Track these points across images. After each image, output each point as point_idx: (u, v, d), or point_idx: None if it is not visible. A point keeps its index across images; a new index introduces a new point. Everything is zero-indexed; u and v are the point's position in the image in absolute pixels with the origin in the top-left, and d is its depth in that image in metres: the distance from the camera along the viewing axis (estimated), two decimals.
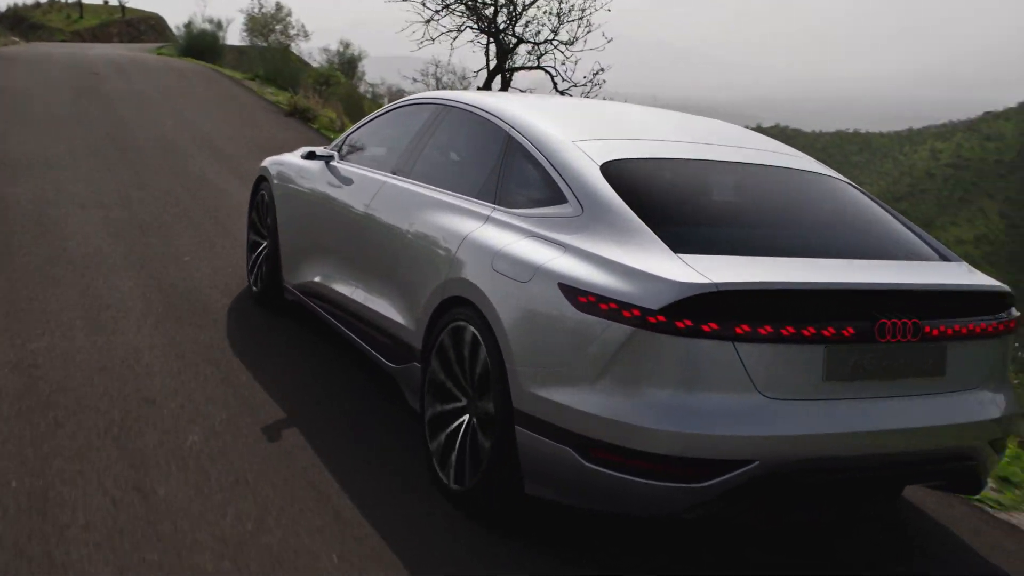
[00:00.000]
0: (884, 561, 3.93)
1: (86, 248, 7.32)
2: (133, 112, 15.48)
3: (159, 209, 8.97)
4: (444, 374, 4.13)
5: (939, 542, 4.17)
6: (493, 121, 4.65)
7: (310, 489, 3.95)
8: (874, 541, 4.07)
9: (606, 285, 3.42)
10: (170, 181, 10.38)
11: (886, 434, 3.46)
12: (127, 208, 8.91)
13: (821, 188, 4.52)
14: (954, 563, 4.03)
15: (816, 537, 4.05)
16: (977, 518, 4.45)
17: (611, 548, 3.77)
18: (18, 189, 9.18)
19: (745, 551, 3.88)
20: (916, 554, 4.06)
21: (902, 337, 3.44)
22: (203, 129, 14.35)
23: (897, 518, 4.32)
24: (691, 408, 3.27)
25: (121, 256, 7.20)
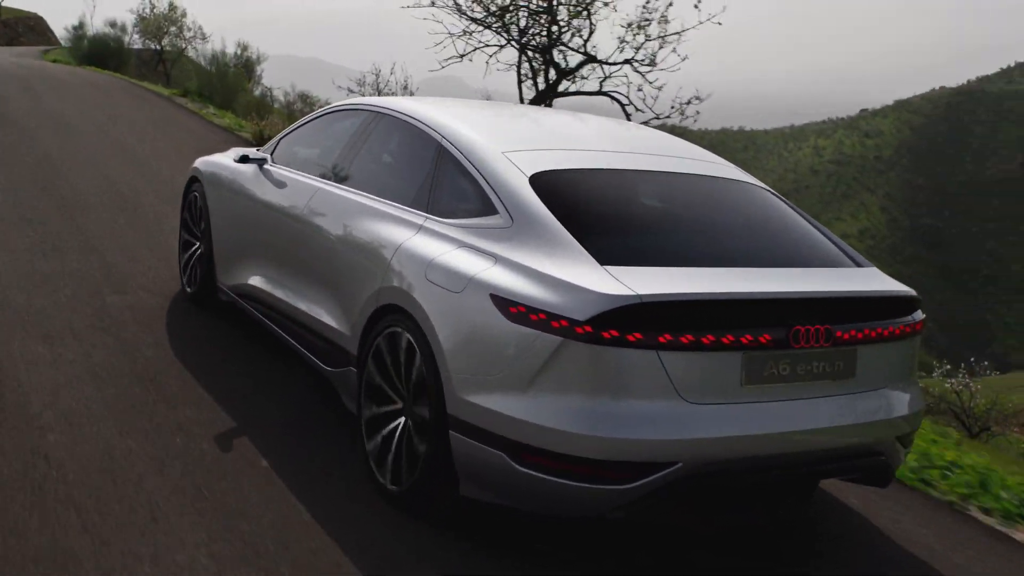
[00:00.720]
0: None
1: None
2: (60, 145, 12.30)
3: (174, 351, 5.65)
4: (380, 378, 4.22)
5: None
6: (425, 130, 4.73)
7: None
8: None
9: (536, 296, 3.55)
10: (158, 271, 7.23)
11: (801, 434, 3.68)
12: (117, 354, 5.44)
13: (743, 196, 4.71)
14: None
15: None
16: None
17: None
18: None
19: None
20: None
21: (815, 343, 3.65)
22: (159, 171, 11.41)
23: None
24: (617, 414, 3.43)
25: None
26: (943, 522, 4.71)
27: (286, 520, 3.82)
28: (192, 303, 6.52)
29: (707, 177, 4.73)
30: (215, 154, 6.93)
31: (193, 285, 6.55)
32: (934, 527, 4.62)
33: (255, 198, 5.78)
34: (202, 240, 6.43)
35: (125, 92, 20.51)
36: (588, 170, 4.41)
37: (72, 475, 3.95)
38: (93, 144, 12.94)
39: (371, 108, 5.34)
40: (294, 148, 5.90)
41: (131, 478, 3.99)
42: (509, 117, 5.17)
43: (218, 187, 6.29)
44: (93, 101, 17.67)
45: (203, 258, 6.38)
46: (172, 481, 4.01)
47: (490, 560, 3.75)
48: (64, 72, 24.05)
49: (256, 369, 5.51)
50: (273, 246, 5.49)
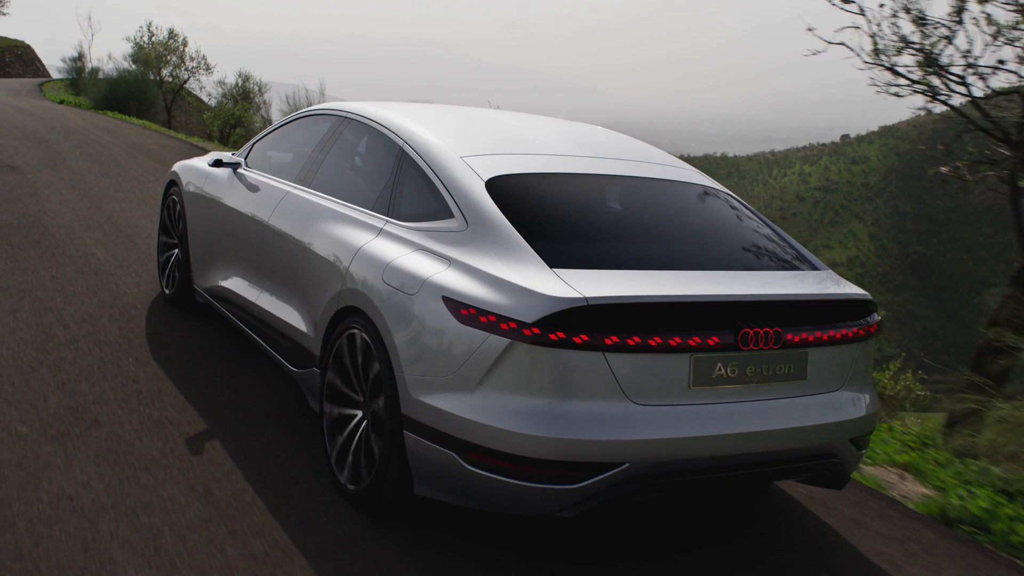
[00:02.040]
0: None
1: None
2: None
3: None
4: (340, 379, 4.33)
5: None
6: (387, 135, 4.89)
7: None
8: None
9: (485, 299, 3.65)
10: None
11: (751, 436, 3.75)
12: None
13: (699, 200, 4.83)
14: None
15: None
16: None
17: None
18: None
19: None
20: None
21: (764, 345, 3.74)
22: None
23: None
24: (563, 414, 3.51)
25: None
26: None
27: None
28: (170, 305, 6.72)
29: (664, 181, 4.85)
30: (194, 158, 7.13)
31: (171, 287, 6.77)
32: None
33: (228, 202, 5.97)
34: (179, 243, 6.65)
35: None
36: (544, 174, 4.52)
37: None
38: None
39: (339, 113, 5.51)
40: (267, 152, 6.09)
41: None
42: (472, 121, 5.27)
43: (194, 191, 6.50)
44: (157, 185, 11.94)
45: (179, 263, 6.60)
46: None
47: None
48: (84, 121, 20.10)
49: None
50: (244, 249, 5.65)
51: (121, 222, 9.55)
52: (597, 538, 4.15)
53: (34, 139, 15.57)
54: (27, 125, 17.85)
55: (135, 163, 14.17)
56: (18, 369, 5.23)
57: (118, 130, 19.32)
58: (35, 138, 15.77)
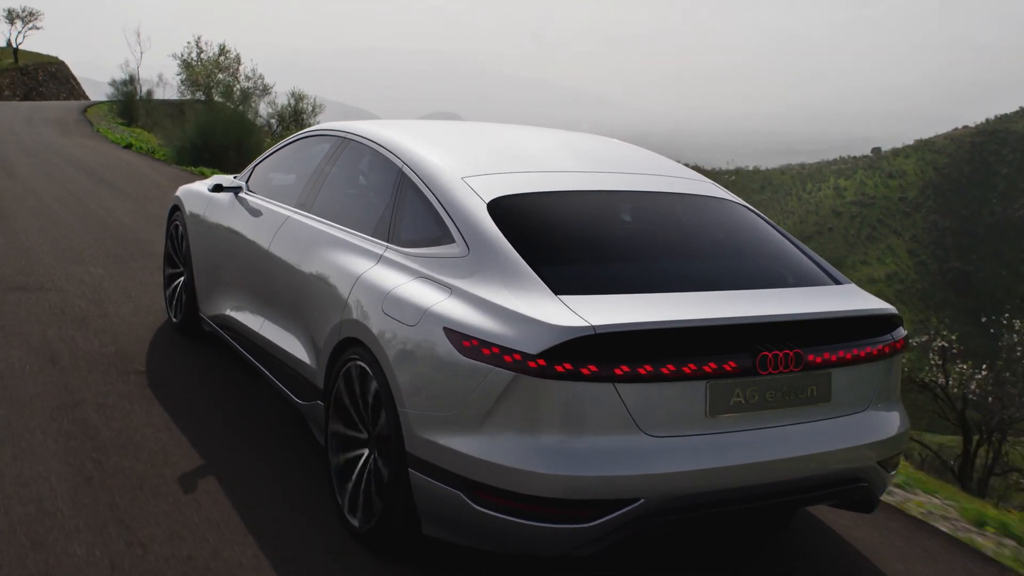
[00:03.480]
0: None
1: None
2: None
3: None
4: (344, 413, 4.20)
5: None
6: (387, 156, 4.75)
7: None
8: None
9: (488, 329, 3.50)
10: None
11: (773, 464, 3.57)
12: None
13: (713, 214, 4.64)
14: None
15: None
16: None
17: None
18: None
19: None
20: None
21: (784, 368, 3.56)
22: None
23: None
24: (574, 450, 3.35)
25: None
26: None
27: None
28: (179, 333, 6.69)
29: (676, 195, 4.67)
30: (196, 182, 7.08)
31: (178, 315, 6.72)
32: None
33: (229, 227, 5.90)
34: (184, 269, 6.59)
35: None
36: (548, 193, 4.35)
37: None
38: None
39: (338, 133, 5.39)
40: (268, 175, 6.01)
41: None
42: (475, 138, 5.14)
43: (197, 216, 6.44)
44: None
45: (186, 289, 6.54)
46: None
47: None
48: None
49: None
50: (246, 276, 5.56)
51: None
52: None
53: (132, 247, 9.71)
54: (106, 203, 12.39)
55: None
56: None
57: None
58: (132, 245, 9.83)
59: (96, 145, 20.59)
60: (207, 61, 34.15)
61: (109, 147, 20.69)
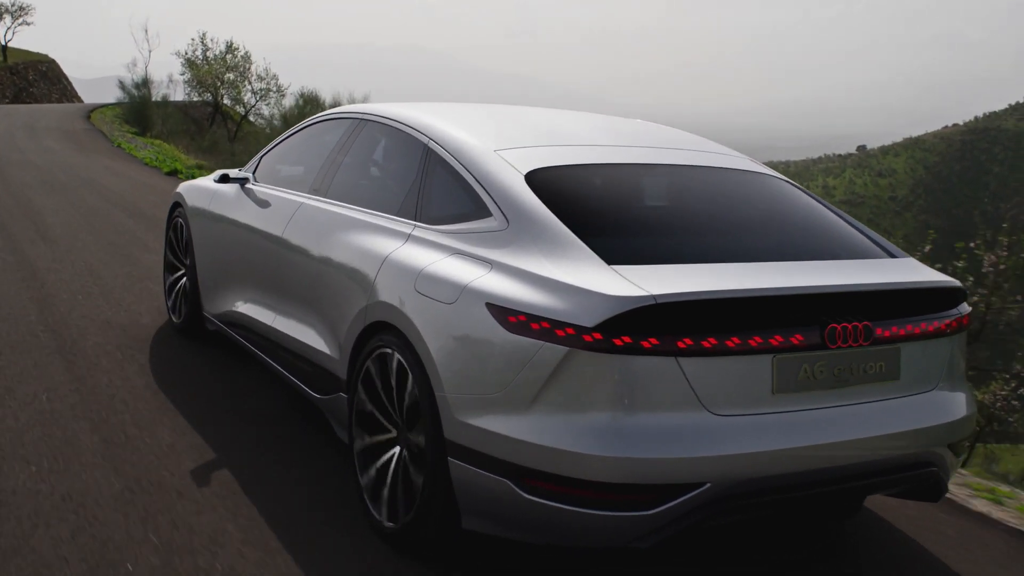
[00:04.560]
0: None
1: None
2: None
3: None
4: (371, 405, 3.97)
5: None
6: (410, 133, 4.53)
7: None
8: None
9: (537, 303, 3.27)
10: None
11: (843, 446, 3.36)
12: None
13: (759, 187, 4.45)
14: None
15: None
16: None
17: None
18: None
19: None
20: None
21: (853, 341, 3.37)
22: None
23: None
24: (634, 431, 3.12)
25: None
26: None
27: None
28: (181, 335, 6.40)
29: (719, 169, 4.49)
30: (199, 178, 6.85)
31: (179, 316, 6.47)
32: None
33: (237, 219, 5.65)
34: (187, 268, 6.34)
35: None
36: (588, 165, 4.16)
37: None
38: None
39: (353, 116, 5.16)
40: (276, 165, 5.77)
41: None
42: (498, 116, 4.93)
43: (201, 211, 6.19)
44: None
45: (188, 286, 6.28)
46: None
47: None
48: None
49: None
50: (256, 268, 5.32)
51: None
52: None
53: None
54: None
55: None
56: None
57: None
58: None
59: (127, 169, 16.37)
60: (214, 60, 31.52)
61: (145, 172, 16.77)
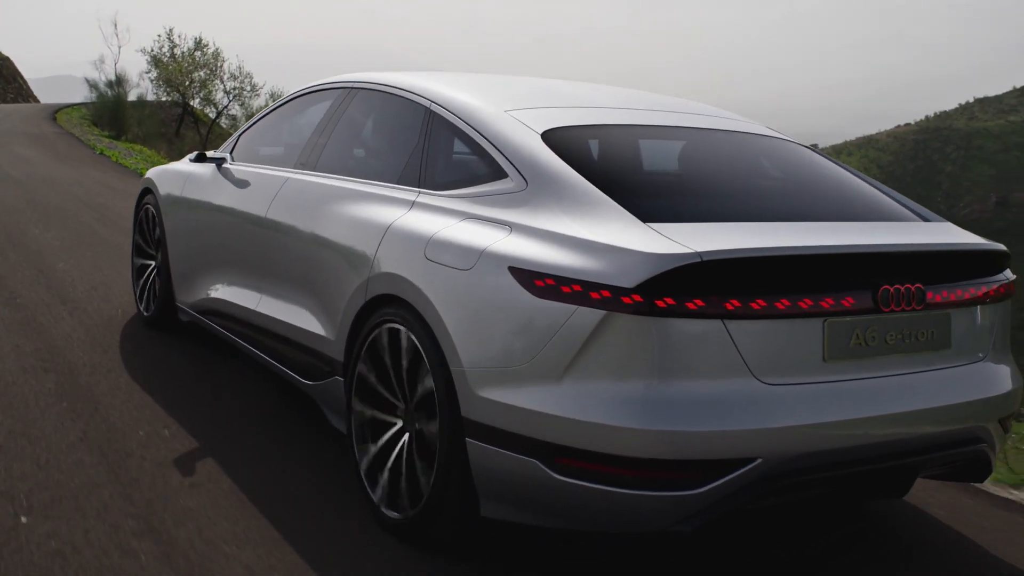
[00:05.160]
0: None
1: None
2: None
3: None
4: (373, 387, 3.67)
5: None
6: (409, 97, 4.23)
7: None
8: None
9: (567, 264, 3.01)
10: None
11: (896, 418, 3.14)
12: None
13: (785, 151, 4.23)
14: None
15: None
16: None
17: None
18: None
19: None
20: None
21: (907, 305, 3.15)
22: None
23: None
24: (678, 401, 2.86)
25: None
26: None
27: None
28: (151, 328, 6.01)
29: (741, 133, 4.26)
30: (171, 163, 6.48)
31: (149, 308, 6.09)
32: None
33: (214, 202, 5.30)
34: (157, 257, 5.95)
35: None
36: (608, 125, 3.94)
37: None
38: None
39: (341, 85, 4.84)
40: (257, 143, 5.43)
41: None
42: (498, 81, 4.65)
43: (172, 196, 5.82)
44: None
45: (159, 276, 5.90)
46: None
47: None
48: None
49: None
50: (236, 251, 4.98)
51: None
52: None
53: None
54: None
55: None
56: None
57: None
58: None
59: (123, 183, 14.23)
60: (181, 57, 29.63)
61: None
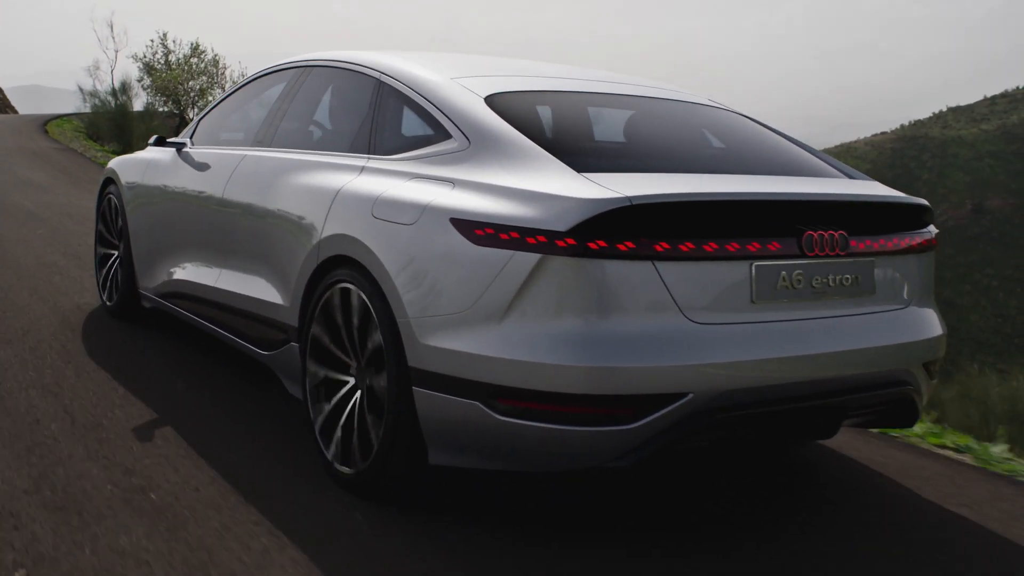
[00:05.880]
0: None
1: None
2: None
3: None
4: (326, 347, 3.81)
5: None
6: (360, 71, 4.40)
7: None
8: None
9: (505, 213, 3.17)
10: None
11: (823, 358, 3.31)
12: None
13: (723, 117, 4.45)
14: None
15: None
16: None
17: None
18: None
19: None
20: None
21: (830, 250, 3.33)
22: None
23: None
24: (611, 337, 3.02)
25: None
26: None
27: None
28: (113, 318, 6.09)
29: (684, 102, 4.47)
30: (134, 152, 6.59)
31: (112, 298, 6.17)
32: None
33: (173, 185, 5.42)
34: (120, 246, 6.05)
35: None
36: (551, 92, 4.14)
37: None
38: None
39: (297, 64, 4.99)
40: (216, 126, 5.57)
41: None
42: (453, 56, 4.84)
43: (134, 184, 5.93)
44: None
45: (122, 265, 6.00)
46: None
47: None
48: None
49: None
50: (195, 232, 5.10)
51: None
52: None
53: None
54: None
55: None
56: None
57: None
58: None
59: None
60: (176, 64, 27.47)
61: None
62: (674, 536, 3.44)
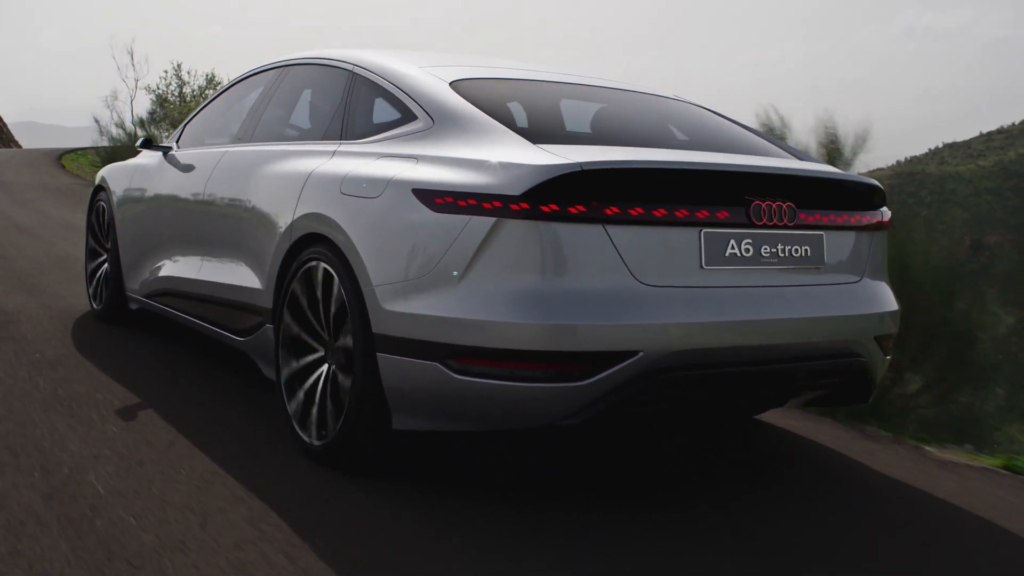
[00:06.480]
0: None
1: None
2: None
3: None
4: (298, 325, 3.98)
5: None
6: (335, 65, 4.62)
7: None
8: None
9: (464, 182, 3.34)
10: None
11: (771, 324, 3.46)
12: None
13: (680, 107, 4.64)
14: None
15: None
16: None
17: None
18: None
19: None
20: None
21: (778, 220, 3.48)
22: None
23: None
24: (565, 296, 3.17)
25: None
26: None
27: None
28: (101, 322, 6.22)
29: (644, 94, 4.69)
30: (123, 161, 6.77)
31: (100, 302, 6.33)
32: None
33: (158, 187, 5.64)
34: (108, 251, 6.23)
35: None
36: (512, 79, 4.34)
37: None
38: None
39: (276, 65, 5.23)
40: (200, 130, 5.80)
41: None
42: (425, 53, 5.05)
43: (122, 189, 6.14)
44: None
45: (110, 269, 6.17)
46: None
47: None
48: None
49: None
50: (179, 230, 5.30)
51: None
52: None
53: None
54: None
55: None
56: None
57: None
58: None
59: None
60: (191, 97, 25.99)
61: None
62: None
